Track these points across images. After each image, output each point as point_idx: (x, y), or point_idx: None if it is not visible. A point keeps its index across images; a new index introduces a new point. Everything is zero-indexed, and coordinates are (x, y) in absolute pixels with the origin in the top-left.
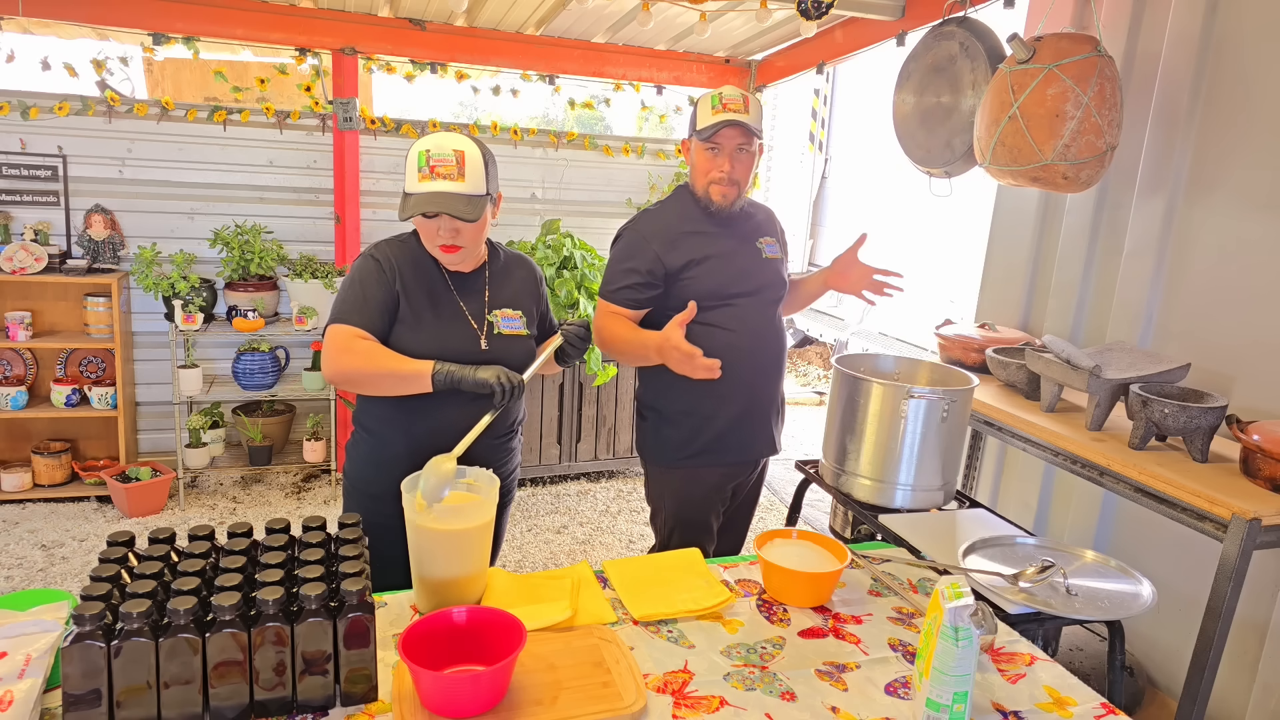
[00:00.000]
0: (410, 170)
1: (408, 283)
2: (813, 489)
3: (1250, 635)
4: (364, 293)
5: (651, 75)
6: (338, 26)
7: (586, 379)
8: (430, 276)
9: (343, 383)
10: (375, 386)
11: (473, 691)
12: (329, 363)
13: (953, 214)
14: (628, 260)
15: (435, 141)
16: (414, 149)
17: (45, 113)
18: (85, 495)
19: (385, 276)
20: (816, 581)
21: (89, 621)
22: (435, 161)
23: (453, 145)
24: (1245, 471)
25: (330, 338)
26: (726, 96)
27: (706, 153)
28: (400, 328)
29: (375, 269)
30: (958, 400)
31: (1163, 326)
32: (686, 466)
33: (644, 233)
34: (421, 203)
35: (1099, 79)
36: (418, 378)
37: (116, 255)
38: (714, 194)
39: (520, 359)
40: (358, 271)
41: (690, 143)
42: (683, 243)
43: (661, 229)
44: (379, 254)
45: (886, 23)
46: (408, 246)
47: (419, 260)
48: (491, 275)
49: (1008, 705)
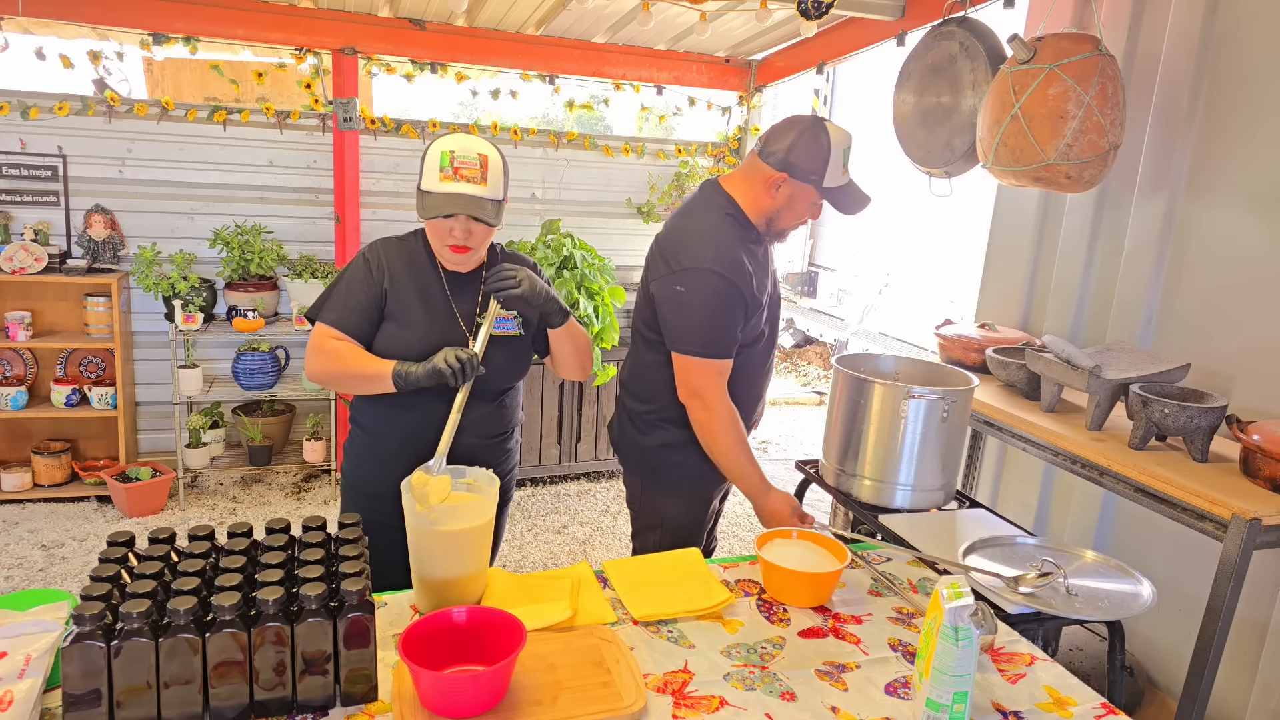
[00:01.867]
0: (430, 168)
1: (398, 281)
2: (813, 489)
3: (1250, 635)
4: (346, 290)
5: (651, 75)
6: (338, 26)
7: (586, 379)
8: (426, 276)
9: (318, 381)
10: (344, 387)
11: (473, 691)
12: (306, 362)
13: (953, 214)
14: (724, 309)
15: (460, 143)
16: (436, 147)
17: (45, 113)
18: (85, 495)
19: (372, 276)
20: (816, 581)
21: (89, 621)
22: (460, 163)
23: (477, 149)
24: (1245, 471)
25: (311, 336)
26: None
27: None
28: (390, 325)
29: (363, 268)
30: (958, 400)
31: (1163, 326)
32: (689, 489)
33: (734, 278)
34: (445, 203)
35: (1100, 78)
36: (380, 379)
37: (116, 255)
38: (781, 238)
39: (509, 360)
40: (348, 268)
41: (793, 189)
42: (752, 277)
43: (743, 270)
44: (371, 252)
45: (886, 23)
46: (405, 245)
47: (415, 259)
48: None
49: (1008, 705)
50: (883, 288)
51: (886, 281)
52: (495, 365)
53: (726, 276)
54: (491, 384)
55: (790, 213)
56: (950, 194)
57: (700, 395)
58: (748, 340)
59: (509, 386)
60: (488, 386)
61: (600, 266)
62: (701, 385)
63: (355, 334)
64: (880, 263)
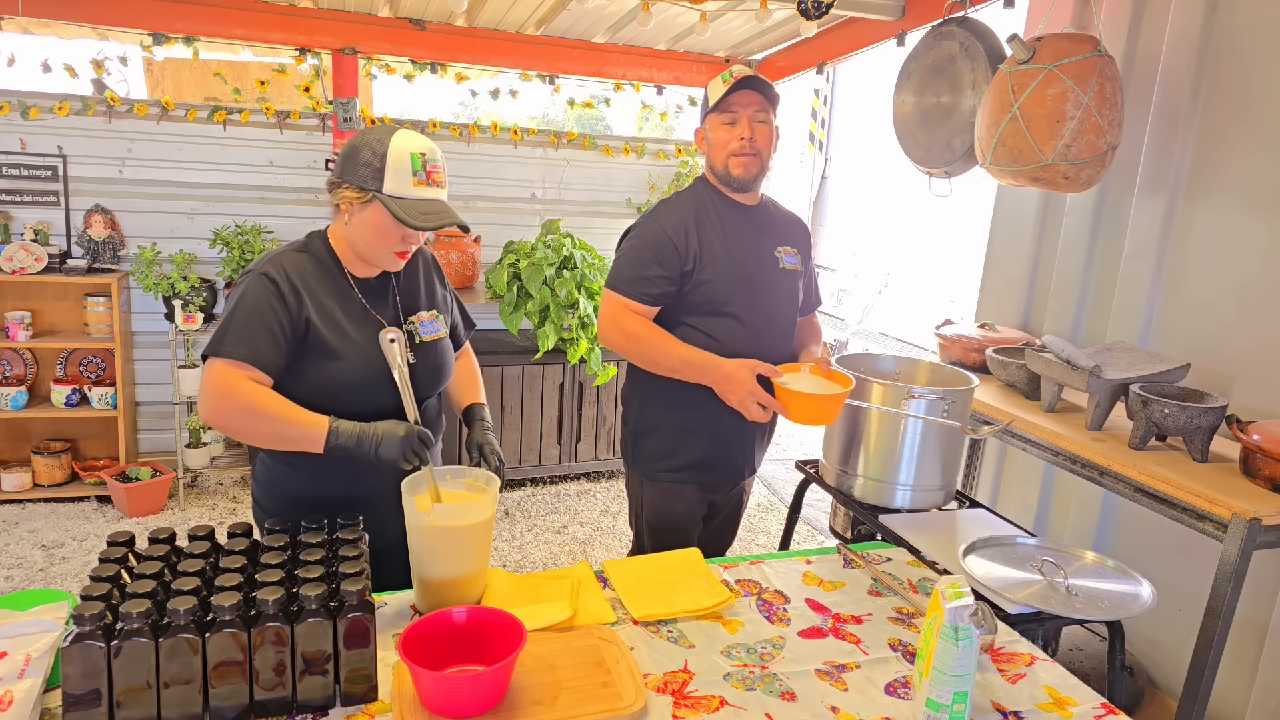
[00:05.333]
0: (399, 171)
1: (320, 304)
2: (813, 489)
3: (1250, 635)
4: (253, 320)
5: (651, 75)
6: (338, 26)
7: (587, 379)
8: (340, 291)
9: (220, 430)
10: (257, 440)
11: (473, 691)
12: (204, 405)
13: (953, 214)
14: (649, 252)
15: (425, 145)
16: (400, 147)
17: (45, 113)
18: (85, 495)
19: (285, 302)
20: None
21: (89, 621)
22: (431, 167)
23: (438, 151)
24: (1245, 471)
25: (208, 376)
26: (737, 69)
27: (723, 125)
28: (316, 358)
29: (273, 295)
30: (958, 400)
31: (1163, 326)
32: (664, 481)
33: (665, 226)
34: (428, 211)
35: (1099, 79)
36: (309, 440)
37: (116, 255)
38: (734, 166)
39: (445, 364)
40: (249, 294)
41: (704, 129)
42: (698, 236)
43: (681, 223)
44: (276, 272)
45: (886, 23)
46: (308, 258)
47: (324, 274)
48: (398, 278)
49: (1008, 705)
50: (883, 288)
51: (886, 281)
52: (433, 370)
53: (660, 224)
54: (432, 389)
55: (714, 147)
56: (950, 194)
57: (615, 324)
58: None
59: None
60: (430, 392)
61: (600, 266)
62: (615, 314)
63: (268, 369)
64: (880, 263)
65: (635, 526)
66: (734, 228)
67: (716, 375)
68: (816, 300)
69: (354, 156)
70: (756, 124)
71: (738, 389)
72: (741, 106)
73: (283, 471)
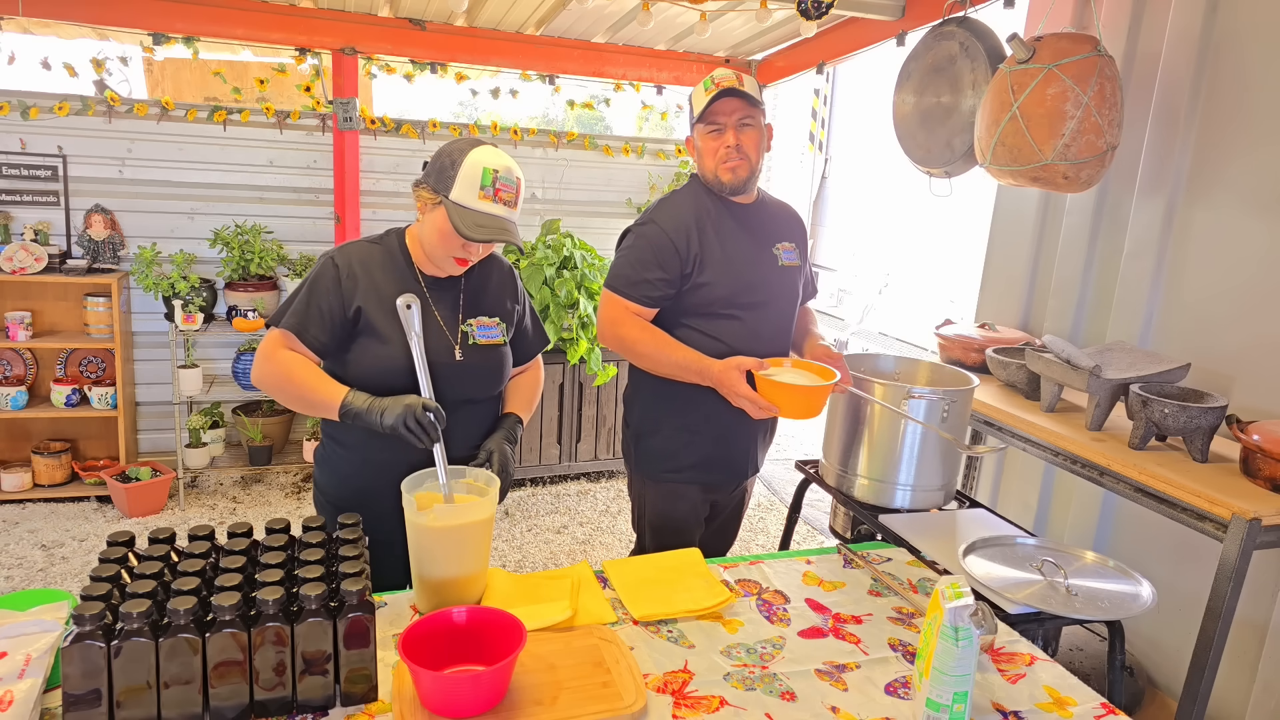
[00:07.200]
0: (468, 181)
1: (377, 292)
2: (813, 489)
3: (1250, 635)
4: (310, 298)
5: (651, 75)
6: (338, 26)
7: (587, 379)
8: (405, 283)
9: (262, 389)
10: (289, 403)
11: (473, 691)
12: (253, 368)
13: (953, 214)
14: (649, 254)
15: (501, 162)
16: (476, 160)
17: (45, 113)
18: (85, 495)
19: (340, 288)
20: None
21: (89, 621)
22: (502, 185)
23: (516, 172)
24: (1245, 471)
25: (263, 342)
26: (718, 75)
27: (709, 135)
28: (367, 341)
29: (332, 276)
30: (958, 400)
31: (1163, 326)
32: (667, 482)
33: (666, 228)
34: (485, 224)
35: (1099, 79)
36: (325, 408)
37: (116, 255)
38: (724, 174)
39: (496, 370)
40: (313, 273)
41: (693, 138)
42: (699, 239)
43: (682, 226)
44: (341, 259)
45: (886, 23)
46: (380, 250)
47: (391, 265)
48: (468, 280)
49: (1008, 705)
50: (883, 287)
51: (886, 281)
52: (482, 372)
53: (661, 226)
54: (479, 391)
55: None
56: (950, 194)
57: (614, 327)
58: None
59: (497, 392)
60: (476, 394)
61: (600, 266)
62: (614, 315)
63: (311, 344)
64: (880, 263)
65: (638, 528)
66: (733, 230)
67: (709, 376)
68: (813, 291)
69: (438, 160)
70: (742, 130)
71: (726, 389)
72: (725, 115)
73: (335, 452)
